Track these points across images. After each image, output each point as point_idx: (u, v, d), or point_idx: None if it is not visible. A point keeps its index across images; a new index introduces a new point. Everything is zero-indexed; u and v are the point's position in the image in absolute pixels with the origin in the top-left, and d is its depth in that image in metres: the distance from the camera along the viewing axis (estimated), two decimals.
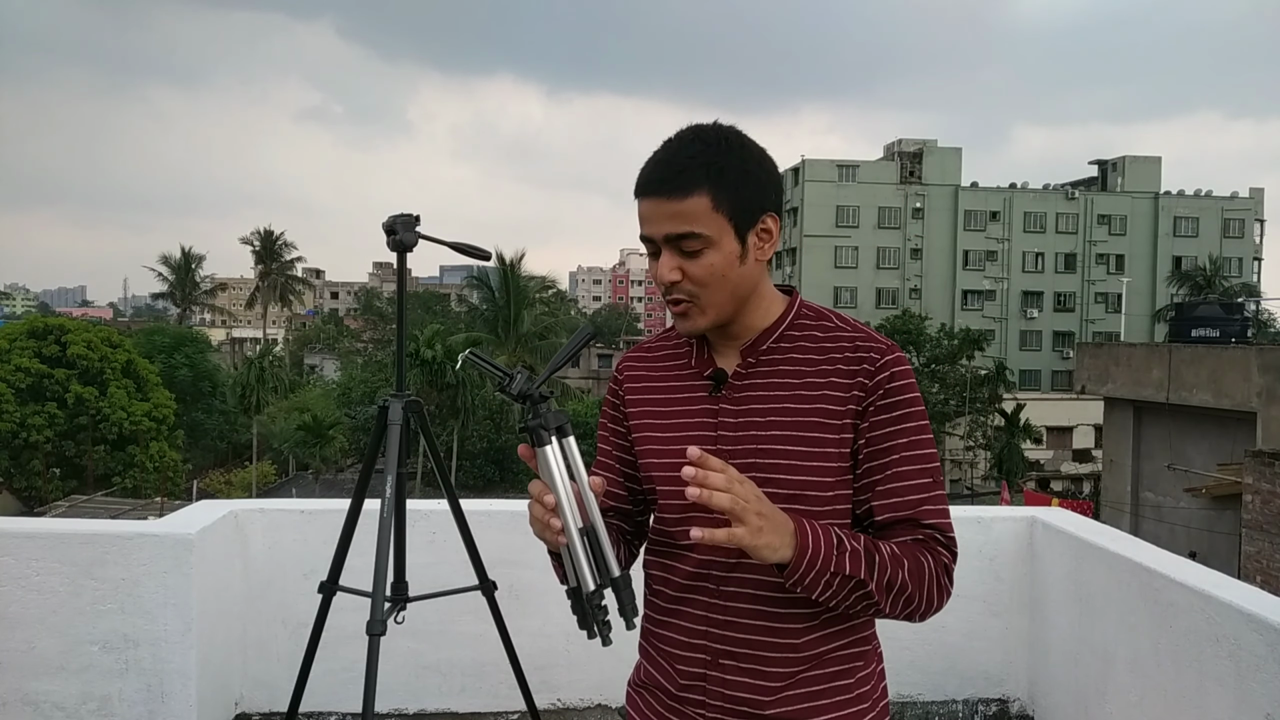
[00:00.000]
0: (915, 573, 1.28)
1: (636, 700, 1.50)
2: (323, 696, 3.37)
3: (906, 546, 1.31)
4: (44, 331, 33.27)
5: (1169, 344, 20.68)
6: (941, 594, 1.32)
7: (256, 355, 45.59)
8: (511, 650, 2.89)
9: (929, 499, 1.35)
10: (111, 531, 3.22)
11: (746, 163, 1.34)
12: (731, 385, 1.40)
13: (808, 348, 1.39)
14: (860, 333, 1.39)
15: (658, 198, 1.32)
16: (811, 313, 1.43)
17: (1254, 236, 62.38)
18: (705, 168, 1.31)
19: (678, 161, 1.32)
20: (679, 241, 1.33)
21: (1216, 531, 16.16)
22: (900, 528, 1.34)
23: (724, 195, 1.32)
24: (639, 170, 1.37)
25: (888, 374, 1.35)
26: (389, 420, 2.65)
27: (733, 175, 1.32)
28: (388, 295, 73.11)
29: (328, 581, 2.75)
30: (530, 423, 1.27)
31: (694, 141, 1.34)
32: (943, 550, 1.34)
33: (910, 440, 1.35)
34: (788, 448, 1.35)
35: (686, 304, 1.37)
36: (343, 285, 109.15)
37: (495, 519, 3.53)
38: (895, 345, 1.39)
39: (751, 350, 1.40)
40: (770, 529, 1.19)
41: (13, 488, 30.94)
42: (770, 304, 1.42)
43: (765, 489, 1.31)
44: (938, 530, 1.35)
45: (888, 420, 1.35)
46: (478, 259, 2.84)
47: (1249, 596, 2.57)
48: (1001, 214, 59.74)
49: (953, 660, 3.63)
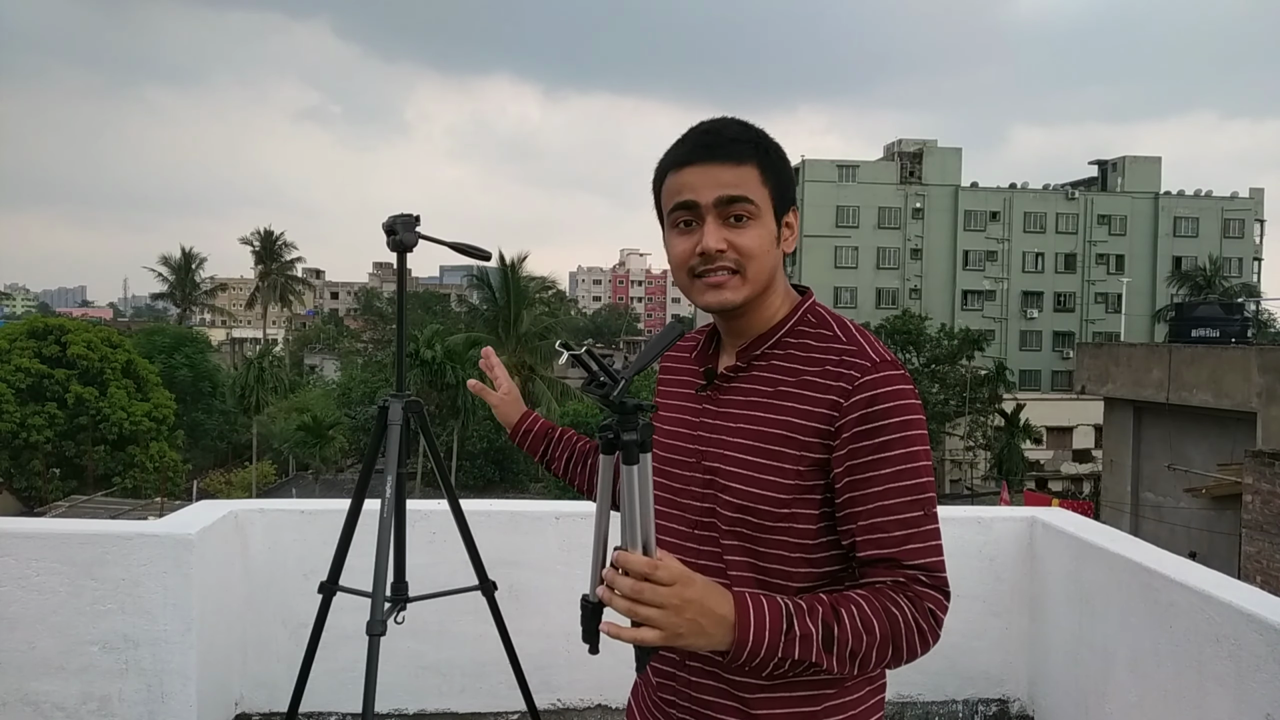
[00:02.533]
0: (886, 634, 1.20)
1: (636, 694, 1.52)
2: (323, 696, 3.37)
3: (879, 601, 1.21)
4: (44, 331, 33.27)
5: (1169, 344, 20.68)
6: (922, 642, 1.23)
7: (256, 355, 45.59)
8: (511, 650, 2.89)
9: (916, 535, 1.25)
10: (111, 531, 3.22)
11: (782, 152, 1.37)
12: (718, 386, 1.38)
13: (798, 356, 1.33)
14: (853, 346, 1.30)
15: (708, 163, 1.31)
16: (815, 318, 1.37)
17: (1254, 236, 62.37)
18: (753, 144, 1.33)
19: (728, 133, 1.33)
20: (730, 206, 1.30)
21: (1216, 531, 16.16)
22: (881, 568, 1.25)
23: (769, 173, 1.33)
24: (670, 149, 1.36)
25: (868, 395, 1.25)
26: (389, 420, 2.65)
27: (775, 157, 1.35)
28: (388, 295, 73.17)
29: (328, 582, 2.74)
30: (626, 437, 1.14)
31: (736, 122, 1.35)
32: (927, 591, 1.24)
33: (896, 470, 1.25)
34: (746, 457, 1.31)
35: (727, 274, 1.32)
36: (343, 285, 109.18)
37: (495, 519, 3.53)
38: (892, 362, 1.29)
39: (745, 353, 1.37)
40: (692, 632, 1.12)
41: (13, 488, 30.94)
42: (780, 303, 1.38)
43: (721, 496, 1.32)
44: (922, 570, 1.25)
45: (869, 448, 1.25)
46: (478, 259, 2.84)
47: (1249, 596, 2.57)
48: (1001, 214, 59.73)
49: (953, 660, 3.63)
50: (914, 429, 1.27)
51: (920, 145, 60.48)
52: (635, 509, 1.14)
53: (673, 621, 1.11)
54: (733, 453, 1.32)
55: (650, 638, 1.11)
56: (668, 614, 1.11)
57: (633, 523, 1.14)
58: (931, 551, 1.27)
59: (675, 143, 1.36)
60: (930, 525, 1.27)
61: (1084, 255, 60.09)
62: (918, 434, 1.27)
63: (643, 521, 1.14)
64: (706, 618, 1.13)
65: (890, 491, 1.25)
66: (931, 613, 1.24)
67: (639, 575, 1.11)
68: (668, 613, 1.11)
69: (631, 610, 1.11)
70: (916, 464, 1.26)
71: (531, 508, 3.77)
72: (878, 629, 1.19)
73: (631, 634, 1.12)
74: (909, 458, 1.26)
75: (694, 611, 1.12)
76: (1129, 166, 62.46)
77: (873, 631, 1.19)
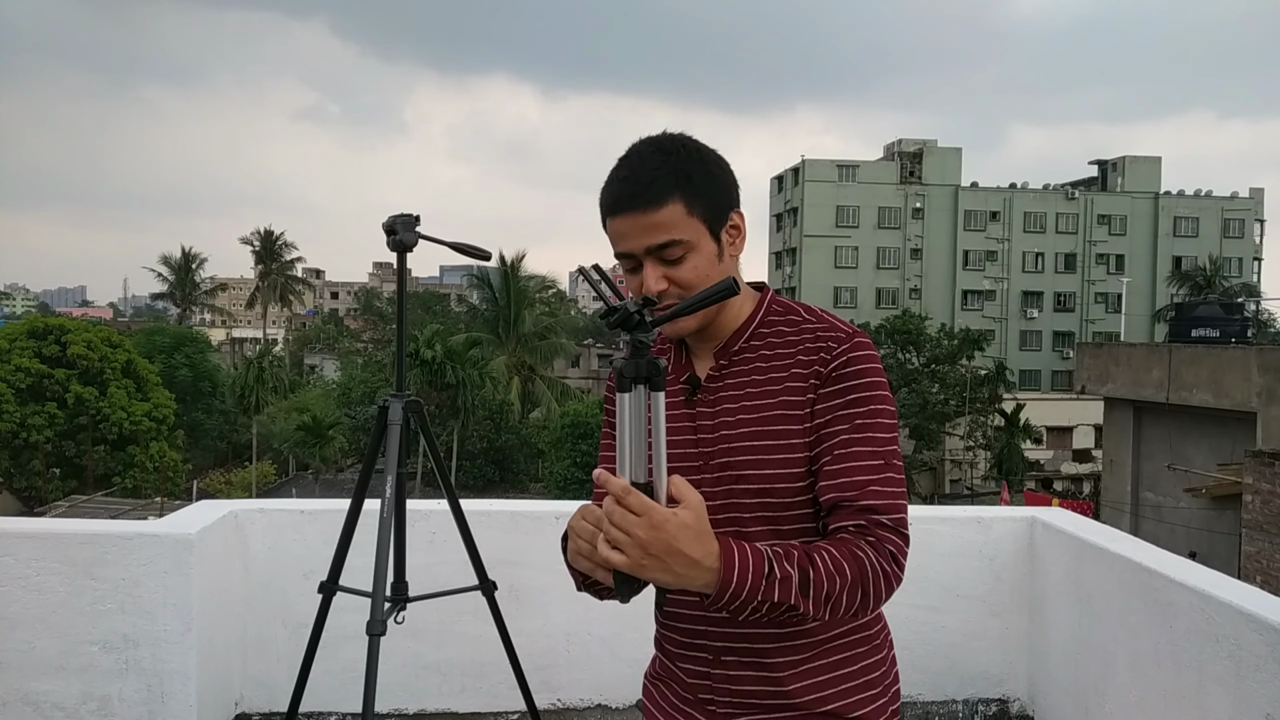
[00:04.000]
0: (856, 577, 1.24)
1: (652, 692, 1.54)
2: (323, 696, 3.37)
3: (846, 548, 1.26)
4: (44, 331, 33.25)
5: (1169, 344, 20.68)
6: (887, 586, 1.27)
7: (256, 355, 45.61)
8: (511, 650, 2.89)
9: (876, 481, 1.31)
10: (111, 531, 3.22)
11: (707, 164, 1.38)
12: (705, 389, 1.42)
13: (775, 343, 1.40)
14: (824, 323, 1.40)
15: (631, 213, 1.34)
16: (780, 308, 1.44)
17: (1254, 236, 62.39)
18: (673, 175, 1.34)
19: (644, 175, 1.34)
20: (661, 251, 1.35)
21: (1216, 531, 16.16)
22: (842, 512, 1.31)
23: (695, 199, 1.35)
24: (602, 192, 1.39)
25: (843, 359, 1.35)
26: (389, 420, 2.65)
27: (699, 178, 1.36)
28: (388, 295, 73.11)
29: (328, 581, 2.75)
30: (618, 362, 1.22)
31: (654, 153, 1.36)
32: (888, 535, 1.29)
33: (861, 422, 1.33)
34: (754, 443, 1.36)
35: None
36: (343, 285, 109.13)
37: (495, 519, 3.53)
38: (860, 333, 1.39)
39: (723, 352, 1.42)
40: (656, 568, 1.15)
41: (13, 488, 30.94)
42: (743, 302, 1.44)
43: (737, 487, 1.36)
44: (883, 514, 1.30)
45: (838, 405, 1.34)
46: (478, 259, 2.85)
47: (1249, 596, 2.57)
48: (1001, 214, 59.74)
49: (953, 660, 3.63)
50: (879, 389, 1.35)
51: (920, 145, 60.48)
52: (626, 437, 1.19)
53: (635, 552, 1.14)
54: (741, 443, 1.37)
55: (615, 560, 1.15)
56: (631, 543, 1.14)
57: (622, 450, 1.20)
58: (892, 498, 1.32)
59: (604, 184, 1.39)
60: (892, 474, 1.33)
61: (1084, 255, 60.10)
62: (882, 394, 1.36)
63: (633, 451, 1.19)
64: (674, 559, 1.15)
65: (855, 441, 1.32)
66: (893, 556, 1.28)
67: (615, 499, 1.15)
68: (631, 542, 1.14)
69: (604, 531, 1.16)
70: (881, 419, 1.34)
71: (531, 508, 3.77)
72: (848, 571, 1.24)
73: (603, 553, 1.16)
74: (874, 413, 1.34)
75: (660, 549, 1.14)
76: (1129, 166, 62.47)
77: (844, 574, 1.23)
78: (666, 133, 1.41)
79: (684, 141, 1.39)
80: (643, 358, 1.20)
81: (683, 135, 1.41)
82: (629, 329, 1.20)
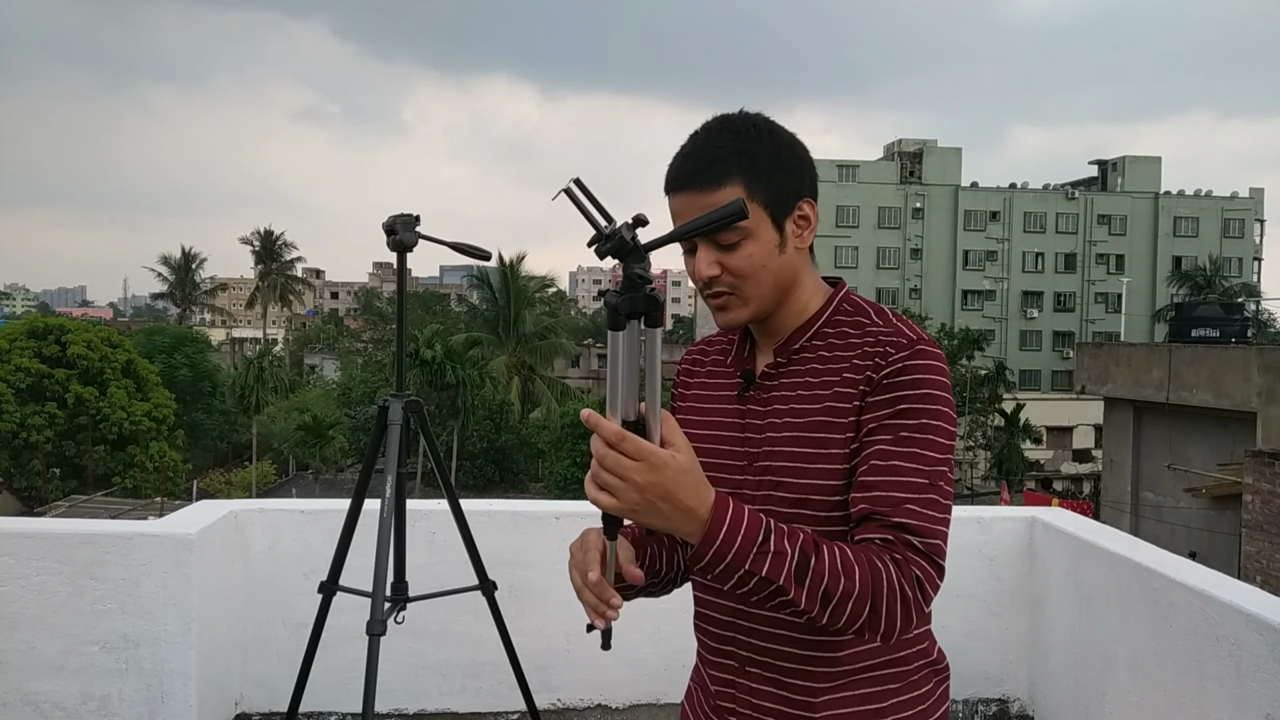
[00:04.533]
0: (866, 587, 1.12)
1: (691, 696, 1.48)
2: (323, 696, 3.37)
3: (864, 555, 1.14)
4: (44, 331, 33.25)
5: (1169, 344, 20.68)
6: (904, 611, 1.14)
7: (256, 355, 45.61)
8: (511, 650, 2.89)
9: (916, 501, 1.18)
10: (111, 531, 3.22)
11: (778, 149, 1.30)
12: (759, 385, 1.35)
13: (836, 345, 1.31)
14: (890, 328, 1.28)
15: (689, 191, 1.27)
16: (851, 307, 1.35)
17: (1254, 236, 62.36)
18: (736, 156, 1.26)
19: (707, 152, 1.27)
20: (715, 234, 1.26)
21: (1216, 531, 16.16)
22: (872, 524, 1.19)
23: (758, 183, 1.26)
24: (667, 166, 1.32)
25: (898, 366, 1.23)
26: (389, 420, 2.65)
27: (765, 162, 1.27)
28: (388, 295, 73.15)
29: (328, 581, 2.75)
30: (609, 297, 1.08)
31: (722, 131, 1.29)
32: (916, 558, 1.16)
33: (907, 435, 1.21)
34: (795, 450, 1.28)
35: (726, 296, 1.31)
36: (343, 285, 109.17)
37: (495, 519, 3.53)
38: (928, 342, 1.26)
39: (783, 349, 1.34)
40: (649, 511, 1.09)
41: (13, 488, 30.92)
42: (810, 298, 1.36)
43: (775, 494, 1.28)
44: (915, 535, 1.17)
45: (885, 414, 1.23)
46: (478, 259, 2.85)
47: (1249, 596, 2.57)
48: (1001, 214, 59.72)
49: (953, 660, 3.61)
50: (936, 404, 1.23)
51: (920, 145, 60.46)
52: (619, 377, 1.10)
53: (630, 497, 1.09)
54: (783, 447, 1.29)
55: (606, 503, 1.10)
56: (627, 487, 1.09)
57: (613, 390, 1.10)
58: (930, 520, 1.19)
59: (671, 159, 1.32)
60: (934, 497, 1.21)
61: (1084, 255, 60.08)
62: (938, 409, 1.23)
63: (625, 391, 1.10)
64: (669, 504, 1.10)
65: (896, 454, 1.21)
66: (919, 582, 1.15)
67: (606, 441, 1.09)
68: (627, 486, 1.09)
69: (594, 474, 1.10)
70: (931, 436, 1.22)
71: (531, 508, 3.77)
72: (857, 576, 1.12)
73: (592, 494, 1.11)
74: (923, 429, 1.22)
75: (655, 494, 1.09)
76: (1129, 166, 62.46)
77: (851, 577, 1.12)
78: (742, 111, 1.32)
79: (756, 121, 1.30)
80: (639, 291, 1.07)
81: (758, 115, 1.31)
82: (622, 257, 1.07)
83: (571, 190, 1.11)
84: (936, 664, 1.37)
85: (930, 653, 1.37)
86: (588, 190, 1.12)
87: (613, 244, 1.07)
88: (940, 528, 1.20)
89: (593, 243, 1.09)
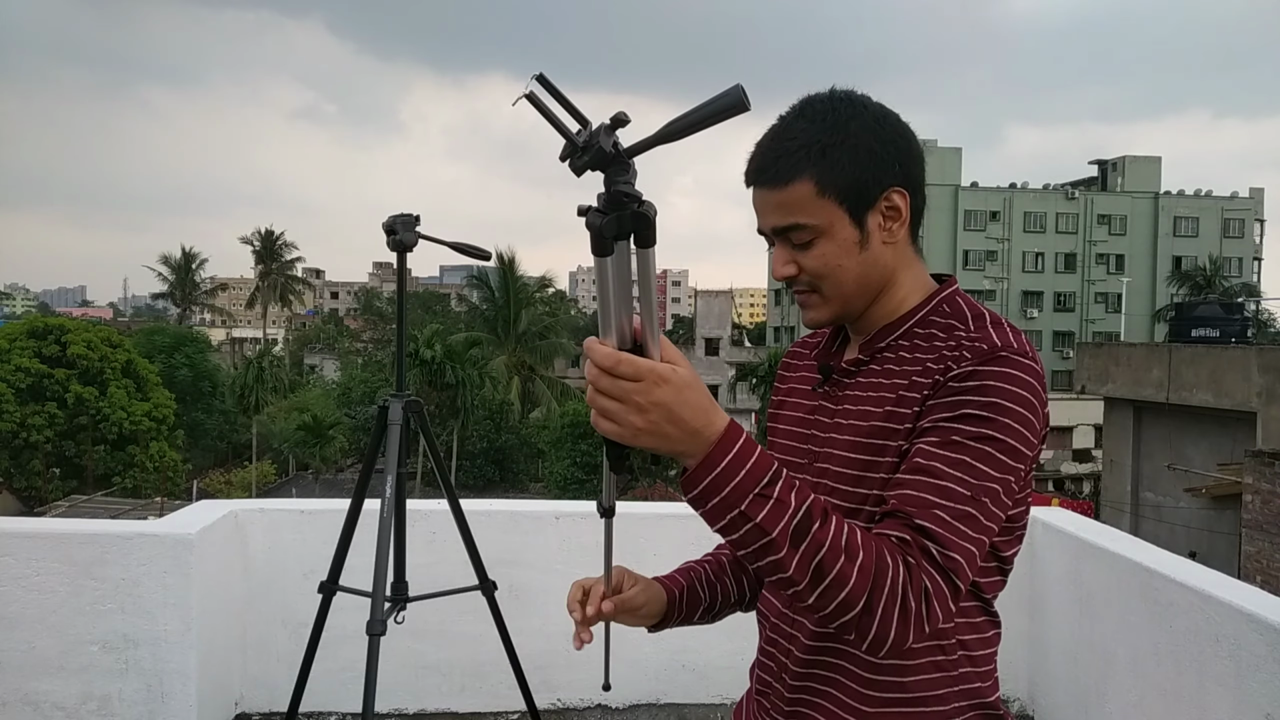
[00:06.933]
0: (867, 576, 0.99)
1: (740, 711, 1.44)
2: (323, 696, 3.37)
3: (878, 542, 1.02)
4: (44, 331, 33.27)
5: (1169, 344, 20.69)
6: (903, 623, 1.00)
7: (256, 355, 45.61)
8: (511, 650, 2.89)
9: (948, 511, 1.05)
10: (111, 531, 3.22)
11: (857, 137, 1.17)
12: (834, 382, 1.27)
13: (921, 347, 1.19)
14: (980, 334, 1.15)
15: (760, 188, 1.20)
16: (950, 309, 1.23)
17: (1254, 236, 62.40)
18: (807, 150, 1.16)
19: (778, 146, 1.18)
20: (786, 233, 1.20)
21: (1216, 531, 16.17)
22: (892, 521, 1.06)
23: (829, 177, 1.16)
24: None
25: (969, 370, 1.10)
26: (389, 420, 2.65)
27: (839, 154, 1.17)
28: (388, 295, 73.15)
29: (328, 581, 2.75)
30: (590, 216, 0.92)
31: (798, 119, 1.20)
32: (930, 569, 1.02)
33: (959, 441, 1.08)
34: (852, 455, 1.19)
35: (807, 294, 1.24)
36: (343, 285, 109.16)
37: (495, 519, 3.54)
38: (1015, 353, 1.12)
39: (868, 346, 1.25)
40: (652, 432, 0.99)
41: (13, 488, 30.93)
42: (907, 295, 1.25)
43: (830, 500, 1.17)
44: (934, 541, 1.03)
45: (942, 416, 1.10)
46: (478, 259, 2.85)
47: (1249, 596, 2.57)
48: (1001, 214, 59.75)
49: None
50: (1005, 417, 1.08)
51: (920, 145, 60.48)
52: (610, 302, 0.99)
53: (630, 419, 0.99)
54: (841, 451, 1.21)
55: (607, 429, 1.00)
56: (626, 409, 0.98)
57: (605, 314, 1.00)
58: (958, 535, 1.05)
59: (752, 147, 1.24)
60: (973, 512, 1.06)
61: (1084, 255, 60.09)
62: (1006, 423, 1.08)
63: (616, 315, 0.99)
64: (674, 425, 0.99)
65: (940, 457, 1.08)
66: (927, 595, 1.01)
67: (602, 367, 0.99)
68: (626, 408, 0.98)
69: (591, 399, 1.01)
70: (988, 449, 1.08)
71: (531, 508, 3.77)
72: (860, 561, 0.99)
73: (593, 418, 1.02)
74: (981, 439, 1.08)
75: (659, 415, 0.98)
76: (1129, 166, 62.50)
77: (854, 559, 0.99)
78: (831, 90, 1.21)
79: (837, 105, 1.19)
80: (625, 209, 0.90)
81: (843, 97, 1.20)
82: (603, 169, 0.89)
83: (535, 96, 0.90)
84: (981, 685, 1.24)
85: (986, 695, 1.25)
86: (555, 88, 0.91)
87: (590, 155, 0.88)
88: (968, 545, 1.05)
89: (565, 155, 0.90)
